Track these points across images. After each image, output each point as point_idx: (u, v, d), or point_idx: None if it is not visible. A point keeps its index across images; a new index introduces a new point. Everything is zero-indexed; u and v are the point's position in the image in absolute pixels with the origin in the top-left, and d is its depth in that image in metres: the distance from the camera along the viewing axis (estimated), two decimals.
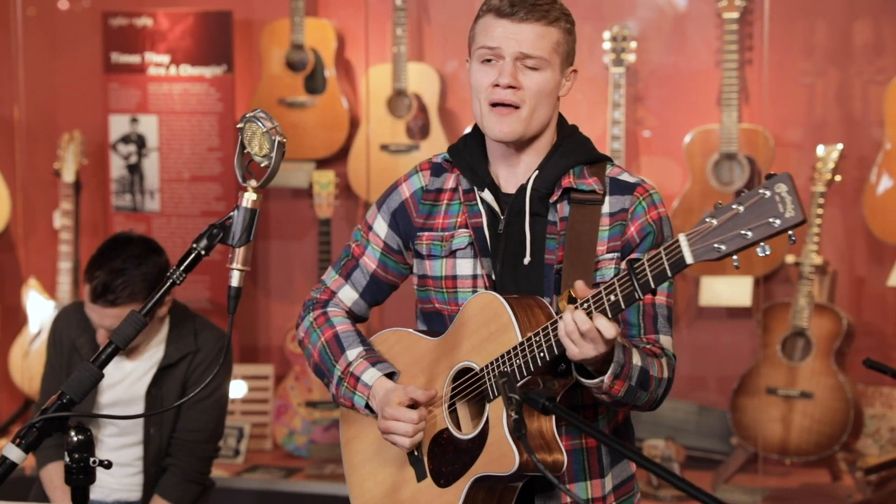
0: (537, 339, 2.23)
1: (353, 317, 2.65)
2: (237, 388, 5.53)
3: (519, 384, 2.25)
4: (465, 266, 2.46)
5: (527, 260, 2.40)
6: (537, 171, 2.43)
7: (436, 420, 2.42)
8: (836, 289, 5.07)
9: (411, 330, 2.54)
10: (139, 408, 3.51)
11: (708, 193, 5.08)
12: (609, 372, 2.20)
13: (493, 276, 2.43)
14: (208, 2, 5.63)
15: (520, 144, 2.44)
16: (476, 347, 2.36)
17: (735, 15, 4.99)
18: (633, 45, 5.11)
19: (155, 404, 3.49)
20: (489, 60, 2.38)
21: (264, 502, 5.13)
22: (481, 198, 2.46)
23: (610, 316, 2.12)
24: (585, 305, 2.15)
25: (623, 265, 2.33)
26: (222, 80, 5.51)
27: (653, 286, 2.06)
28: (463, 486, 2.35)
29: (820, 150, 4.89)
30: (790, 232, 1.90)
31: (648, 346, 2.36)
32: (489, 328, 2.33)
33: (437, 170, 2.55)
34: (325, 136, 5.54)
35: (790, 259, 4.98)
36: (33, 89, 5.81)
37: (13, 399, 5.71)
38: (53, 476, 3.51)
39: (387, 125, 5.42)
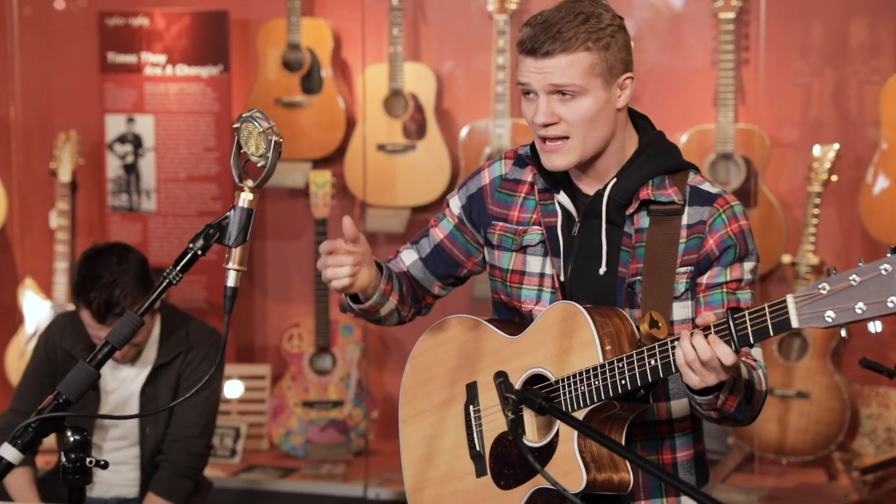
0: (620, 365, 2.21)
1: (413, 283, 2.57)
2: (234, 388, 5.53)
3: (597, 404, 2.24)
4: (534, 263, 2.44)
5: (602, 270, 2.37)
6: (615, 179, 2.38)
7: (502, 420, 2.41)
8: None
9: (483, 320, 2.51)
10: (133, 407, 3.52)
11: None
12: (725, 387, 2.15)
13: (563, 278, 2.40)
14: (204, 1, 5.63)
15: (586, 162, 2.38)
16: (553, 357, 2.33)
17: (731, 15, 4.99)
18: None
19: (149, 403, 3.50)
20: (528, 93, 2.34)
21: (260, 502, 5.13)
22: (557, 199, 2.42)
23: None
24: (696, 335, 2.11)
25: (705, 316, 2.21)
26: (219, 80, 5.51)
27: (752, 342, 2.03)
28: (524, 493, 2.34)
29: (816, 150, 4.89)
30: None
31: (744, 360, 2.30)
32: (569, 341, 2.29)
33: (519, 161, 2.51)
34: (322, 136, 5.54)
35: (787, 259, 4.98)
36: (29, 89, 5.80)
37: (9, 399, 5.70)
38: (20, 480, 3.52)
39: (383, 125, 5.42)
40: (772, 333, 1.99)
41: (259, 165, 2.13)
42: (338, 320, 5.43)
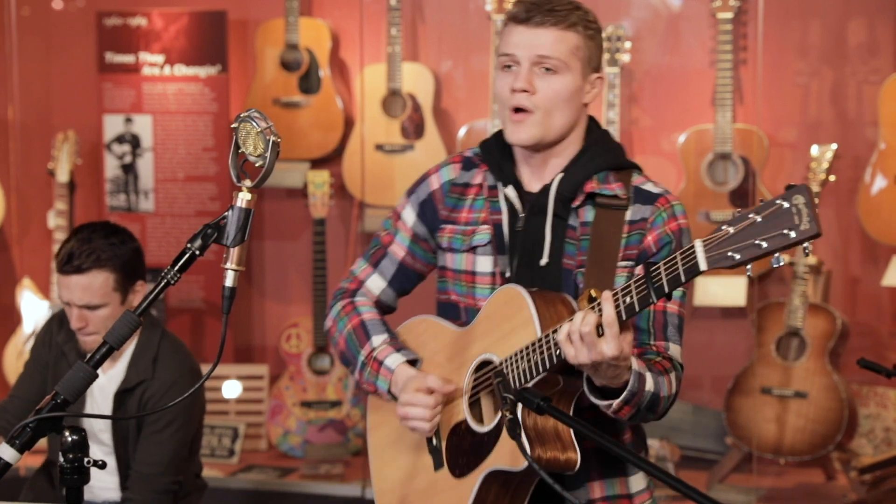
0: (556, 336, 2.23)
1: (382, 307, 2.65)
2: (232, 388, 5.53)
3: (537, 379, 2.26)
4: (484, 263, 2.48)
5: (543, 261, 2.41)
6: (562, 174, 2.44)
7: (456, 411, 2.44)
8: (830, 288, 5.08)
9: (437, 318, 2.55)
10: (106, 432, 3.47)
11: (702, 193, 5.09)
12: (620, 399, 2.22)
13: (508, 274, 2.44)
14: (203, 1, 5.62)
15: (542, 148, 2.44)
16: (498, 341, 2.37)
17: (729, 15, 4.99)
18: (628, 45, 5.11)
19: (118, 427, 3.43)
20: (509, 67, 2.41)
21: (259, 502, 5.13)
22: (504, 194, 2.48)
23: (624, 318, 2.13)
24: (597, 306, 2.16)
25: (640, 269, 2.29)
26: (217, 80, 5.51)
27: (667, 290, 2.07)
28: (477, 477, 2.36)
29: (814, 150, 4.89)
30: (805, 245, 1.91)
31: (659, 360, 2.36)
32: (511, 322, 2.34)
33: (467, 164, 2.57)
34: (320, 136, 5.54)
35: (784, 259, 4.98)
36: (28, 89, 5.80)
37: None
38: None
39: (381, 125, 5.42)
40: (683, 279, 2.04)
41: (257, 165, 2.13)
42: None
